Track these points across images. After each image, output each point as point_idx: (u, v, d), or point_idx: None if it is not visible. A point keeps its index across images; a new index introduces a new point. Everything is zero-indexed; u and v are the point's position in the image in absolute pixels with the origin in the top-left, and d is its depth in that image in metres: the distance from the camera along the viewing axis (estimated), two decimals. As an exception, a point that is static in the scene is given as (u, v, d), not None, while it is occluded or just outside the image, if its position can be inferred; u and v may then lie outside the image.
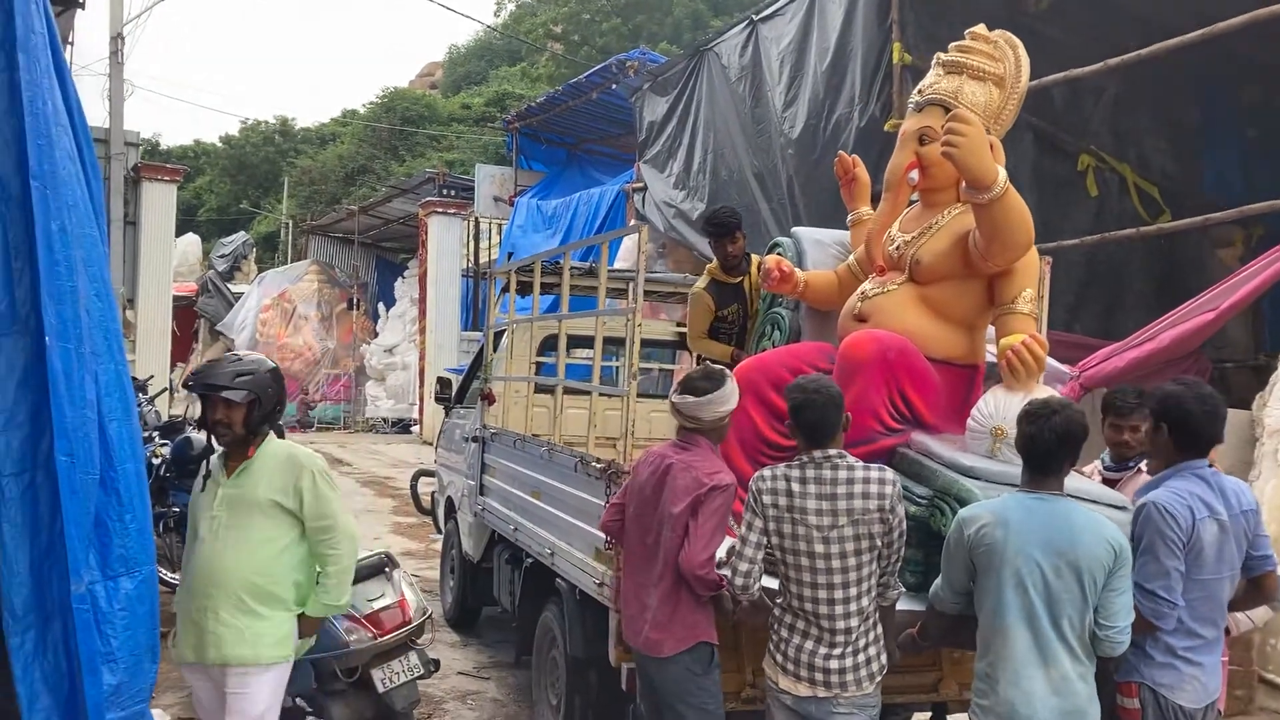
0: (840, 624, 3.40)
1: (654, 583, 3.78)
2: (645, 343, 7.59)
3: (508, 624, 7.07)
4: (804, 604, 3.44)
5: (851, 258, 4.84)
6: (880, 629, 3.50)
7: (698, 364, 5.87)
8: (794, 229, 5.38)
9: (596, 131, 19.31)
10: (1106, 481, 4.12)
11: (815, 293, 4.84)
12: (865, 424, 4.01)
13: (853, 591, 3.40)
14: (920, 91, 4.46)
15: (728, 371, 3.93)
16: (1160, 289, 9.61)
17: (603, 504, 4.45)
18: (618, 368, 7.60)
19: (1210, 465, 3.52)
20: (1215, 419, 3.47)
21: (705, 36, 15.11)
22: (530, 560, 5.74)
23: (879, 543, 3.40)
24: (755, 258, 5.73)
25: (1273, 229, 9.60)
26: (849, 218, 5.06)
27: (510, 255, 11.11)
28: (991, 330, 4.44)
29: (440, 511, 8.71)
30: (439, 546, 8.92)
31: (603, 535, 4.45)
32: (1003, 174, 3.86)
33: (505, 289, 7.21)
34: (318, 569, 4.00)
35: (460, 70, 44.74)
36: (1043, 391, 3.88)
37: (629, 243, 13.37)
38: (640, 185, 14.06)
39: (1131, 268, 9.95)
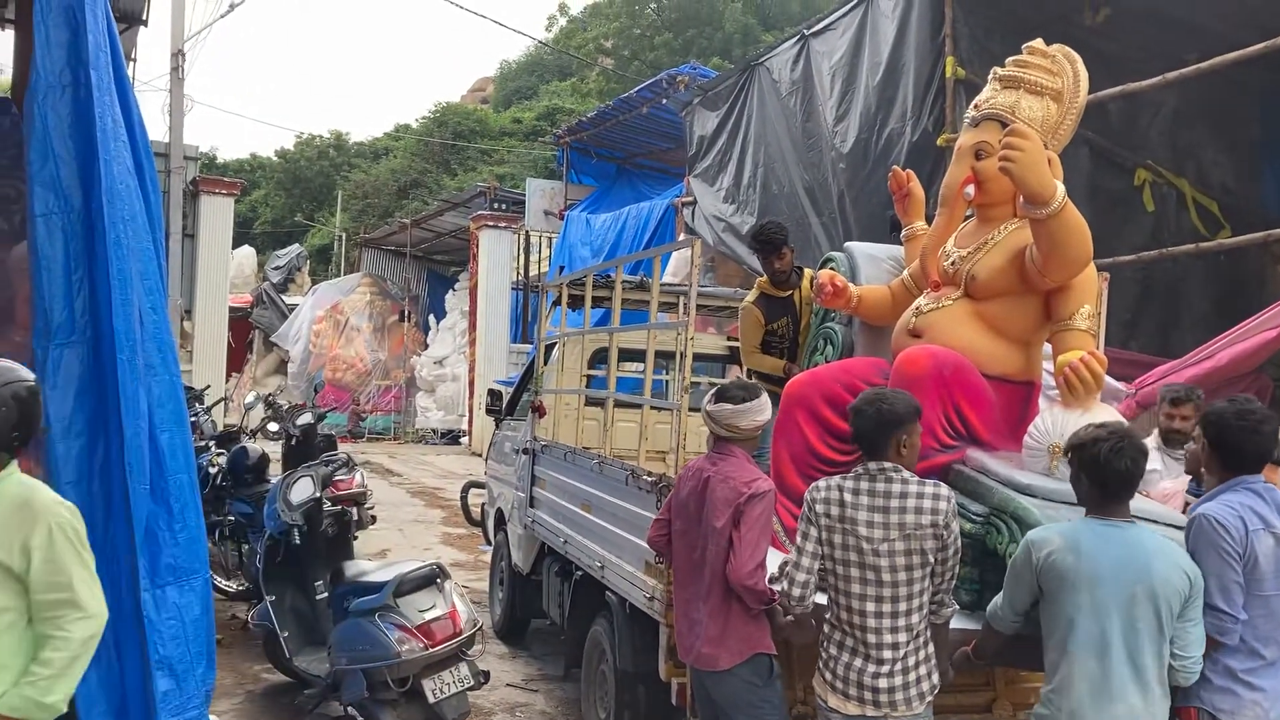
0: (887, 638, 3.34)
1: (702, 597, 3.77)
2: (695, 356, 7.58)
3: (556, 637, 7.09)
4: (852, 617, 3.40)
5: (905, 273, 4.82)
6: (931, 648, 3.45)
7: (748, 378, 5.87)
8: (847, 244, 5.37)
9: (646, 146, 19.36)
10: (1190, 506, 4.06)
11: (869, 307, 4.82)
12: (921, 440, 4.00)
13: (902, 607, 3.35)
14: (976, 106, 4.42)
15: (759, 386, 3.97)
16: (1219, 306, 9.43)
17: (654, 517, 4.46)
18: (668, 381, 7.61)
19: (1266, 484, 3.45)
20: (1256, 435, 3.39)
21: (756, 51, 15.12)
22: (580, 573, 5.75)
23: (932, 559, 3.36)
24: (807, 271, 5.74)
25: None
26: (903, 232, 5.04)
27: (561, 269, 11.17)
28: (1048, 347, 4.38)
29: (490, 523, 8.75)
30: (488, 558, 8.96)
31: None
32: (1061, 189, 3.83)
33: (556, 302, 7.25)
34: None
35: (511, 85, 45.11)
36: (1101, 409, 3.83)
37: (678, 257, 13.36)
38: (690, 199, 14.05)
39: (1189, 284, 9.78)
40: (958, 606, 3.56)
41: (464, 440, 24.00)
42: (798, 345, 5.63)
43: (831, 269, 5.03)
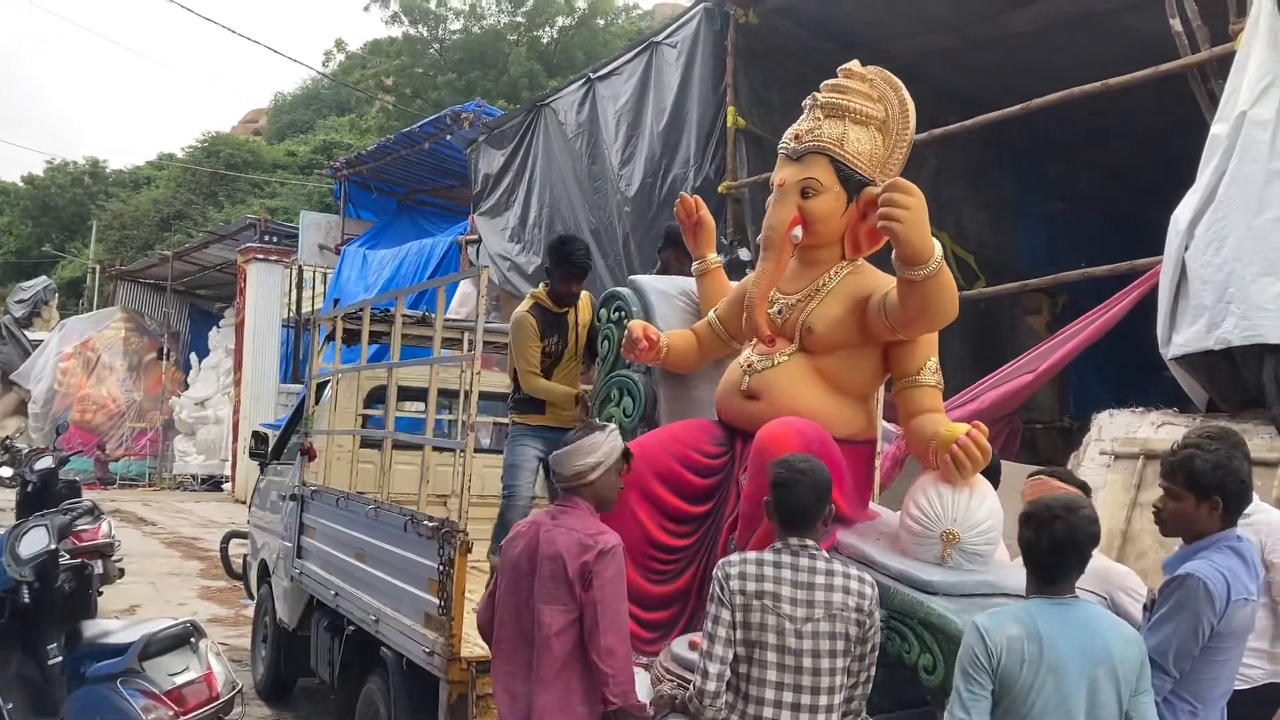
0: None
1: (529, 666, 3.28)
2: (481, 395, 7.34)
3: (326, 696, 6.67)
4: (762, 711, 2.91)
5: (712, 314, 4.33)
6: None
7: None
8: (634, 278, 4.85)
9: (429, 182, 19.00)
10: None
11: (677, 356, 4.28)
12: None
13: (823, 701, 2.92)
14: (798, 137, 3.85)
15: (610, 426, 3.51)
16: (976, 352, 9.99)
17: (436, 565, 4.19)
18: (450, 421, 7.34)
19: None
20: (1248, 483, 3.16)
21: (542, 93, 15.14)
22: (352, 628, 5.40)
23: (854, 649, 2.96)
24: (585, 295, 5.44)
25: (1076, 298, 10.16)
26: (694, 266, 4.60)
27: (336, 302, 10.67)
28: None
29: (253, 575, 8.25)
30: (250, 612, 8.41)
31: (435, 600, 4.18)
32: (939, 248, 3.42)
33: (329, 337, 6.88)
34: None
35: (286, 118, 43.84)
36: (982, 484, 3.48)
37: (463, 293, 13.12)
38: (474, 237, 13.87)
39: (950, 331, 10.19)
40: None
41: (226, 486, 22.89)
42: (559, 366, 5.22)
43: (619, 307, 4.58)
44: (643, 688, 3.31)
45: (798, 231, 3.79)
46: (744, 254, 8.90)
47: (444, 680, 4.09)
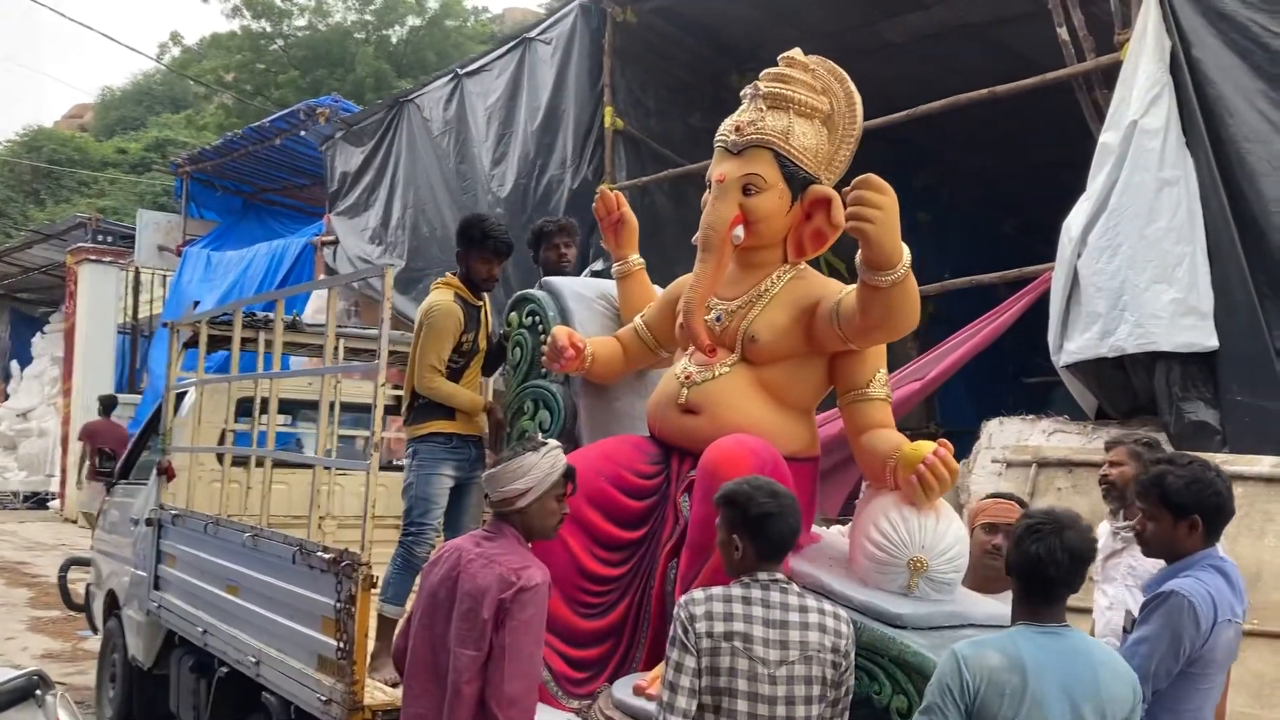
0: None
1: (437, 714, 2.92)
2: (351, 407, 6.87)
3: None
4: None
5: (639, 320, 4.01)
6: None
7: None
8: (548, 279, 4.42)
9: (279, 180, 18.07)
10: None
11: (601, 366, 3.94)
12: None
13: None
14: (739, 129, 3.55)
15: (551, 444, 3.08)
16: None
17: (333, 603, 3.75)
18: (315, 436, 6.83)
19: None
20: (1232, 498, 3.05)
21: (405, 88, 14.56)
22: (225, 669, 4.84)
23: (829, 694, 2.67)
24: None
25: (942, 308, 10.27)
26: (614, 268, 4.26)
27: (196, 304, 9.90)
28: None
29: (97, 606, 7.46)
30: (91, 646, 7.67)
31: (332, 642, 3.75)
32: (907, 253, 3.16)
33: (188, 343, 6.29)
34: None
35: (115, 114, 41.50)
36: (946, 509, 3.25)
37: (319, 296, 12.51)
38: (330, 238, 13.21)
39: (828, 341, 10.29)
40: None
41: (53, 504, 21.28)
42: (469, 369, 4.57)
43: (532, 311, 4.18)
44: None
45: (739, 231, 3.51)
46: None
47: (344, 730, 3.67)
